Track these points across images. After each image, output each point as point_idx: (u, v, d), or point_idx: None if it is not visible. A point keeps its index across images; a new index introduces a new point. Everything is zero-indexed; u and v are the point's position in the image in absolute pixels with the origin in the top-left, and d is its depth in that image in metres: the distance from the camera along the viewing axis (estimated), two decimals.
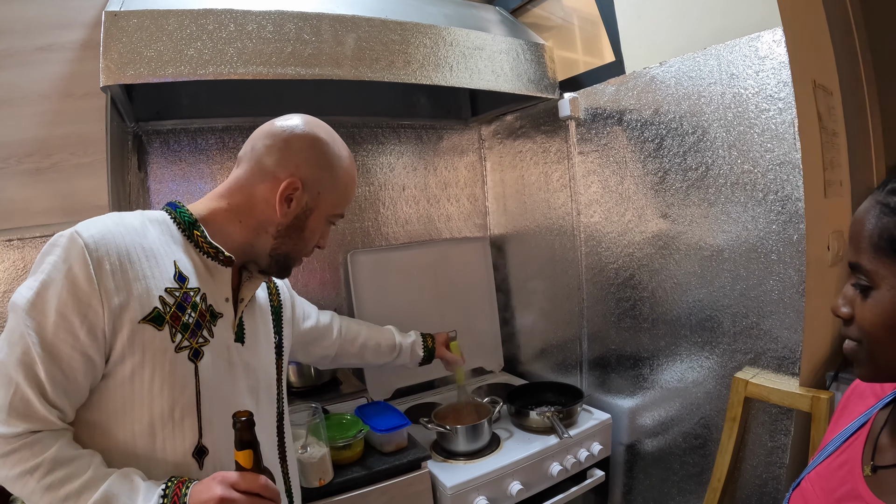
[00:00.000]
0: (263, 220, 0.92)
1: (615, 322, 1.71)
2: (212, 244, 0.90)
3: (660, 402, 1.59)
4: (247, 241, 0.93)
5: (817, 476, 0.73)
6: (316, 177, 0.92)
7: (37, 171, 1.28)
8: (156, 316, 0.81)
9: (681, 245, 1.47)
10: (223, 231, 0.92)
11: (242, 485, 0.76)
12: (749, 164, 1.28)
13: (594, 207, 1.73)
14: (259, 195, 0.91)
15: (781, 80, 1.19)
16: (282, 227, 0.92)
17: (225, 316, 0.92)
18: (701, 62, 1.35)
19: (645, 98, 1.51)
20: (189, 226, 0.90)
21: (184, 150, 1.72)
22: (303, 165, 0.91)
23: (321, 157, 0.93)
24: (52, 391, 0.74)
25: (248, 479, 0.77)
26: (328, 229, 1.01)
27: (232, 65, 1.26)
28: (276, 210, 0.90)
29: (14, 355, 0.74)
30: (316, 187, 0.93)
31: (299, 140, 0.92)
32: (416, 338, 1.55)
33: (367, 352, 1.45)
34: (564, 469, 1.54)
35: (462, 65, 1.55)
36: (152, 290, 0.82)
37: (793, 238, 1.22)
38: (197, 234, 0.90)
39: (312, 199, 0.93)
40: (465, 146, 2.26)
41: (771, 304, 1.28)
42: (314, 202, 0.93)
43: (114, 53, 1.15)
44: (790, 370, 1.26)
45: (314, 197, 0.93)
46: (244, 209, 0.92)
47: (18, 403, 0.73)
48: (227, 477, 0.77)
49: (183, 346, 0.84)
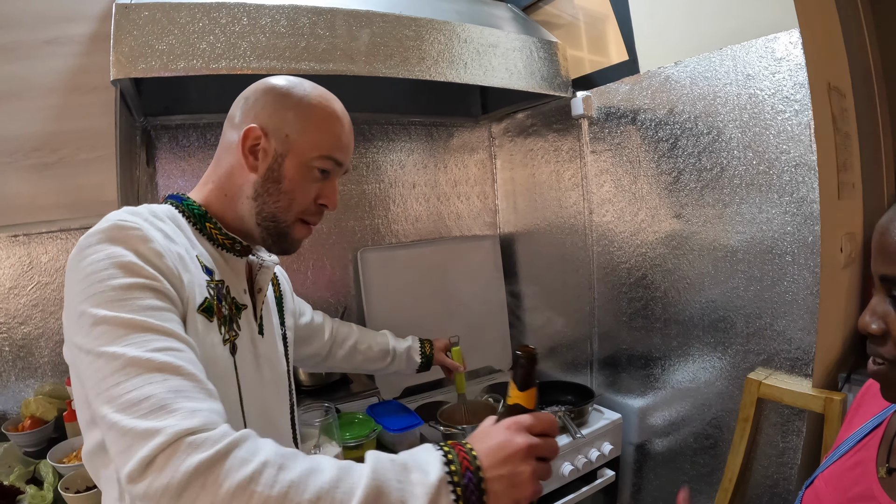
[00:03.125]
0: (241, 183, 0.85)
1: (626, 322, 1.71)
2: (227, 235, 0.87)
3: (671, 403, 1.59)
4: (237, 215, 0.87)
5: (830, 475, 0.73)
6: (278, 119, 0.84)
7: (43, 165, 1.26)
8: (207, 306, 0.78)
9: (694, 245, 1.47)
10: (221, 215, 0.88)
11: (538, 427, 0.65)
12: (765, 165, 1.27)
13: (606, 207, 1.73)
14: (231, 160, 0.86)
15: (798, 82, 1.19)
16: (258, 184, 0.84)
17: (248, 308, 0.90)
18: (717, 62, 1.35)
19: (659, 97, 1.50)
20: (199, 218, 0.86)
21: (192, 145, 1.70)
22: (261, 112, 0.84)
23: (281, 98, 0.85)
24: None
25: (542, 420, 0.66)
26: (330, 184, 0.89)
27: (245, 59, 1.24)
28: (245, 166, 0.84)
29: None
30: (282, 130, 0.84)
31: (255, 91, 0.87)
32: (413, 343, 1.48)
33: (357, 355, 1.40)
34: (576, 469, 1.53)
35: (476, 62, 1.54)
36: (198, 279, 0.78)
37: (807, 240, 1.21)
38: (210, 227, 0.86)
39: (281, 144, 0.84)
40: (476, 144, 2.24)
41: (785, 305, 1.27)
42: (284, 146, 0.84)
43: (124, 47, 1.13)
44: (803, 371, 1.26)
45: (282, 141, 0.84)
46: (225, 182, 0.87)
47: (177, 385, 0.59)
48: (521, 422, 0.65)
49: (225, 339, 0.81)
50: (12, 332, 1.49)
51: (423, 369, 1.49)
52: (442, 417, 1.55)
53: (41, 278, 1.52)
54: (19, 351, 1.50)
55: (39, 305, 1.52)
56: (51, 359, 1.53)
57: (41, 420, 1.42)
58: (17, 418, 1.44)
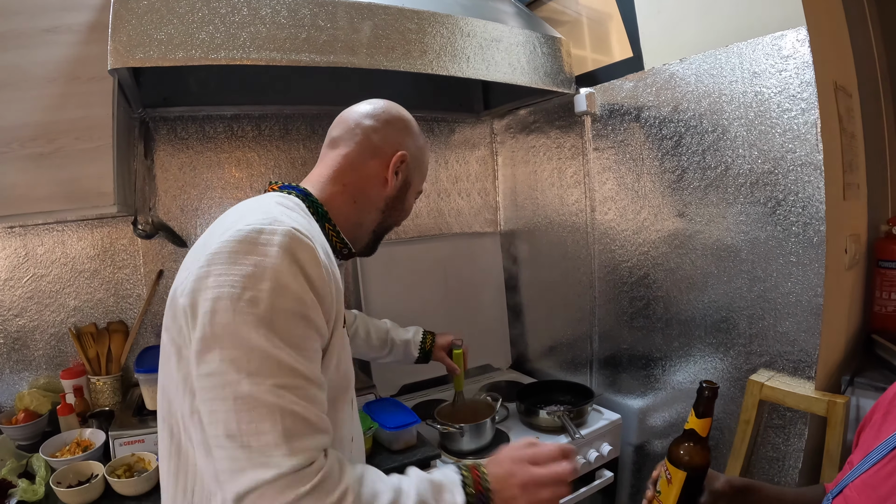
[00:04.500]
0: (374, 196, 0.95)
1: (627, 321, 1.69)
2: (343, 240, 0.93)
3: (671, 403, 1.57)
4: (357, 222, 0.95)
5: (864, 485, 0.71)
6: (413, 152, 0.99)
7: (40, 155, 1.23)
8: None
9: (697, 244, 1.45)
10: (341, 217, 0.93)
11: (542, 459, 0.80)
12: (770, 164, 1.26)
13: (609, 204, 1.71)
14: (371, 171, 0.94)
15: (804, 80, 1.17)
16: (389, 199, 0.96)
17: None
18: (723, 60, 1.33)
19: (664, 95, 1.48)
20: (321, 217, 0.90)
21: (191, 137, 1.68)
22: (404, 141, 0.97)
23: (416, 135, 1.01)
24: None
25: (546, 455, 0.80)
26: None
27: (245, 50, 1.23)
28: (388, 183, 0.95)
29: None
30: (414, 162, 0.99)
31: (398, 120, 0.98)
32: (415, 337, 1.49)
33: (357, 340, 1.42)
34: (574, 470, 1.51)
35: (479, 56, 1.52)
36: (340, 285, 0.80)
37: (813, 240, 1.20)
38: (329, 228, 0.91)
39: (410, 174, 0.99)
40: (477, 140, 2.22)
41: (788, 306, 1.26)
42: (411, 176, 0.99)
43: (122, 35, 1.12)
44: (806, 374, 1.24)
45: (412, 171, 0.99)
46: (358, 189, 0.94)
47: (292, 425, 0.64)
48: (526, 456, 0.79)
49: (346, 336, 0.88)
50: (7, 325, 1.48)
51: (422, 362, 1.51)
52: (439, 416, 1.53)
53: (37, 270, 1.51)
54: (14, 343, 1.49)
55: (35, 298, 1.51)
56: (45, 352, 1.52)
57: (35, 413, 1.41)
58: (11, 411, 1.43)
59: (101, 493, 1.19)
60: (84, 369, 1.49)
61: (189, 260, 0.75)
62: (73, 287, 1.54)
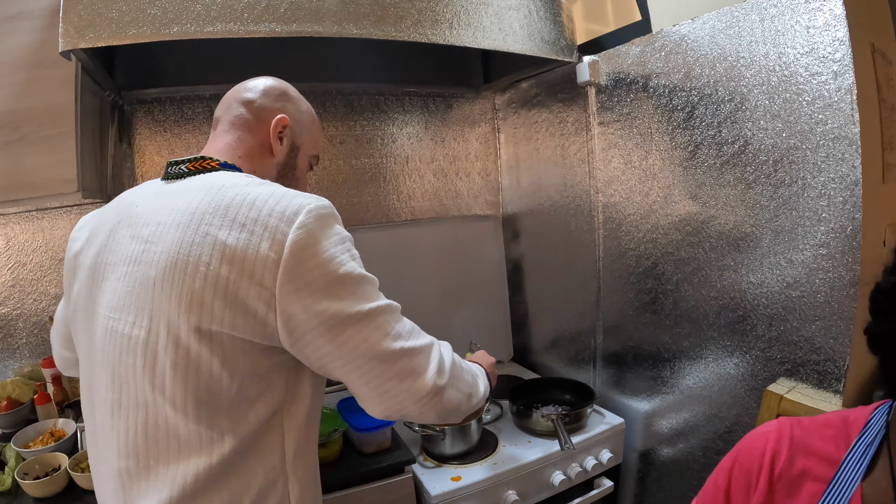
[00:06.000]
0: (266, 163, 0.93)
1: (634, 316, 1.53)
2: None
3: (679, 409, 1.41)
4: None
5: None
6: (295, 115, 0.96)
7: (5, 144, 1.21)
8: None
9: (712, 232, 1.27)
10: None
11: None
12: (796, 137, 1.07)
13: (615, 185, 1.53)
14: (256, 141, 0.92)
15: (836, 38, 0.97)
16: (280, 166, 0.95)
17: None
18: (740, 17, 1.14)
19: (674, 60, 1.29)
20: None
21: (169, 119, 1.62)
22: (283, 108, 0.95)
23: (296, 101, 0.98)
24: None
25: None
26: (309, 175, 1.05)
27: (198, 23, 1.14)
28: (272, 148, 0.93)
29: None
30: (298, 125, 0.97)
31: (273, 89, 0.96)
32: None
33: None
34: (568, 479, 1.39)
35: (464, 21, 1.37)
36: None
37: (846, 229, 1.01)
38: None
39: (297, 136, 0.97)
40: (477, 116, 2.07)
41: (816, 307, 1.08)
42: (299, 139, 0.97)
43: (73, 17, 1.06)
44: (832, 387, 1.06)
45: (298, 134, 0.97)
46: (251, 159, 0.92)
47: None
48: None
49: None
50: None
51: None
52: None
53: (18, 258, 1.49)
54: None
55: (17, 286, 1.49)
56: (29, 340, 1.51)
57: (17, 402, 1.41)
58: None
59: (65, 486, 1.17)
60: None
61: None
62: (54, 275, 1.52)
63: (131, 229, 0.79)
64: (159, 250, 0.73)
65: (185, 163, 0.86)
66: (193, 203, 0.74)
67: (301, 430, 0.80)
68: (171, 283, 0.71)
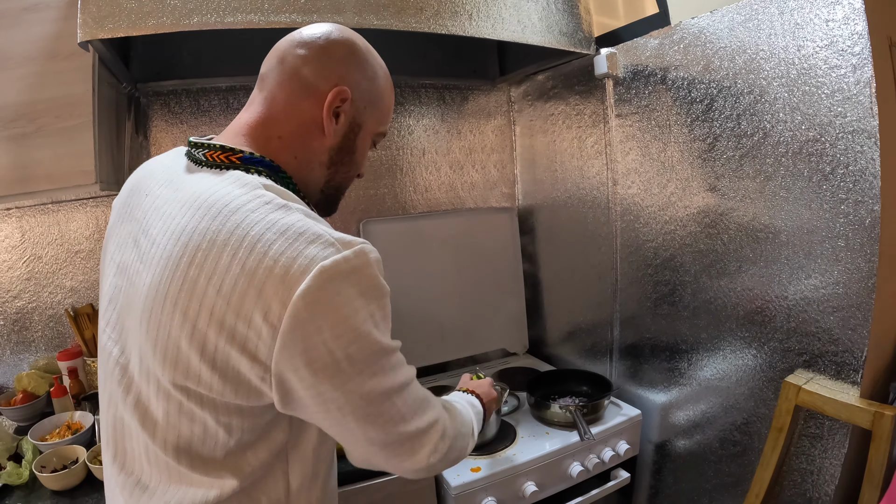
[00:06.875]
0: (315, 146, 0.76)
1: (651, 308, 1.53)
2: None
3: (696, 401, 1.42)
4: (303, 180, 0.76)
5: None
6: (361, 86, 0.77)
7: (22, 136, 1.21)
8: None
9: (730, 224, 1.27)
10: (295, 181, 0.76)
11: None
12: (815, 130, 1.06)
13: (632, 177, 1.53)
14: (306, 117, 0.74)
15: (856, 31, 0.97)
16: (333, 150, 0.77)
17: None
18: (759, 9, 1.13)
19: (693, 52, 1.29)
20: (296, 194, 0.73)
21: (185, 111, 1.62)
22: (346, 74, 0.75)
23: (364, 65, 0.77)
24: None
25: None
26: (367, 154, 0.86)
27: (219, 13, 1.14)
28: (325, 128, 0.74)
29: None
30: (362, 99, 0.77)
31: (339, 46, 0.75)
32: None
33: None
34: (586, 469, 1.40)
35: (483, 13, 1.37)
36: None
37: (865, 221, 1.01)
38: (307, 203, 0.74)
39: (359, 114, 0.77)
40: (493, 109, 2.06)
41: (835, 298, 1.08)
42: (361, 117, 0.78)
43: (92, 7, 1.07)
44: (850, 378, 1.07)
45: (361, 111, 0.77)
46: (297, 140, 0.74)
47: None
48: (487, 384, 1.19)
49: None
50: (6, 307, 1.48)
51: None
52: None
53: (34, 251, 1.50)
54: (14, 325, 1.49)
55: (32, 279, 1.50)
56: (44, 333, 1.52)
57: (33, 395, 1.41)
58: (12, 392, 1.43)
59: (83, 479, 1.16)
60: (80, 351, 1.48)
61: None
62: (69, 268, 1.53)
63: (135, 225, 0.71)
64: (147, 280, 0.64)
65: (205, 149, 0.72)
66: (188, 228, 0.62)
67: (308, 460, 0.73)
68: (148, 326, 0.63)
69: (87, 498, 1.11)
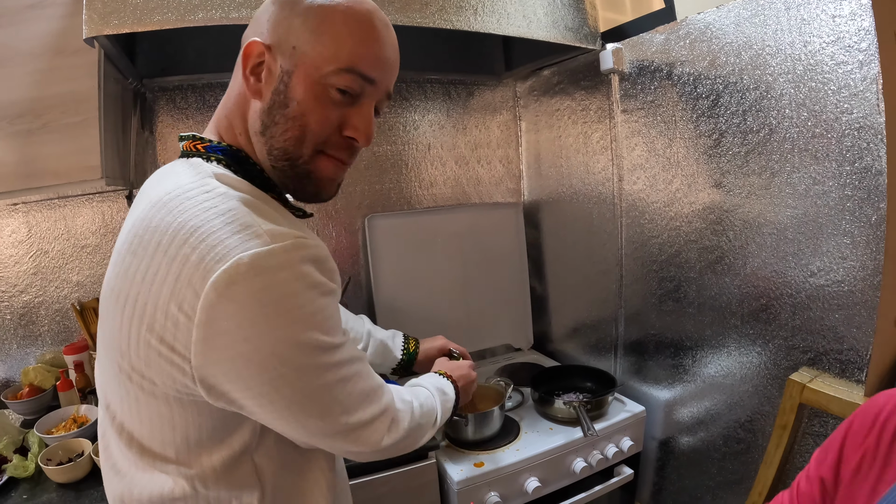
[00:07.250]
0: (249, 116, 0.68)
1: (656, 304, 1.53)
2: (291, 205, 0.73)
3: (700, 398, 1.42)
4: (262, 160, 0.69)
5: None
6: (283, 29, 0.64)
7: (28, 132, 1.22)
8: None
9: (736, 220, 1.27)
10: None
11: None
12: (821, 126, 1.06)
13: (638, 173, 1.53)
14: (237, 86, 0.68)
15: (862, 27, 0.96)
16: (264, 113, 0.66)
17: None
18: (766, 5, 1.12)
19: (699, 48, 1.28)
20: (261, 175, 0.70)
21: (191, 107, 1.62)
22: (265, 25, 0.66)
23: (290, 4, 0.65)
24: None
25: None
26: (359, 110, 0.68)
27: (223, 9, 1.15)
28: (248, 93, 0.66)
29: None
30: (288, 41, 0.64)
31: (266, 7, 0.68)
32: (393, 338, 1.25)
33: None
34: (589, 466, 1.40)
35: (488, 7, 1.36)
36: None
37: (871, 219, 1.00)
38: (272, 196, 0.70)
39: (287, 59, 0.64)
40: (499, 104, 2.06)
41: (840, 296, 1.07)
42: (291, 61, 0.64)
43: (97, 3, 1.07)
44: (855, 376, 1.07)
45: (289, 55, 0.64)
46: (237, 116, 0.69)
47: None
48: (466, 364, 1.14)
49: None
50: (13, 301, 1.49)
51: (402, 373, 1.25)
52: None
53: (40, 246, 1.51)
54: (20, 319, 1.51)
55: (39, 274, 1.51)
56: (50, 327, 1.53)
57: (39, 388, 1.43)
58: (18, 386, 1.45)
59: (88, 472, 1.17)
60: (86, 345, 1.49)
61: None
62: (75, 262, 1.54)
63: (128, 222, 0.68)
64: (107, 277, 0.65)
65: (184, 141, 0.70)
66: (139, 218, 0.60)
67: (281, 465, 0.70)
68: (105, 313, 0.64)
69: (92, 491, 1.12)
